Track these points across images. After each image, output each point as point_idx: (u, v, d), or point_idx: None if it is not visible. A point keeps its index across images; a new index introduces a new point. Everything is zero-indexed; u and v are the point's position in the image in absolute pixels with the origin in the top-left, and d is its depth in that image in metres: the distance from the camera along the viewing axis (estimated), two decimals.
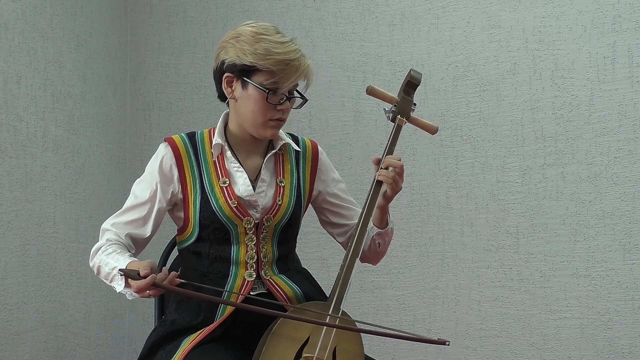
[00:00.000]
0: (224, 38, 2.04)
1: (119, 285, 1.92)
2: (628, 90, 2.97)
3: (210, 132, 2.10)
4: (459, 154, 3.24)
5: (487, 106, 3.19)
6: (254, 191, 2.04)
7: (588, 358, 3.02)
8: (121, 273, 1.84)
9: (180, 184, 2.05)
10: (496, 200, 3.17)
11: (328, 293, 1.98)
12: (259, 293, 2.02)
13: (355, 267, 1.94)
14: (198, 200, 2.03)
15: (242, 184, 2.04)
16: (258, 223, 2.04)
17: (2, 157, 3.13)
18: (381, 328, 1.92)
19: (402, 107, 2.09)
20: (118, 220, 2.05)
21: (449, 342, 1.80)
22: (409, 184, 3.27)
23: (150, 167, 2.07)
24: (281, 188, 2.08)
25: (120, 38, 3.81)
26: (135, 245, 2.06)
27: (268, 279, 2.04)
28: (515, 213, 3.14)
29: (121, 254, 1.96)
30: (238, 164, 2.06)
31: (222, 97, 2.08)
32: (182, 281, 1.88)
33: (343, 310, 1.92)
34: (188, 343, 1.95)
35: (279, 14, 3.53)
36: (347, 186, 2.26)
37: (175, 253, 2.25)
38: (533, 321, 3.10)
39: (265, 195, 2.06)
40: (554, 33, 3.08)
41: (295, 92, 2.05)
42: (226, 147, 2.07)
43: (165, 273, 1.83)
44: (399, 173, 1.99)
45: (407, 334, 1.90)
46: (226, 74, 2.02)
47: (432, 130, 2.13)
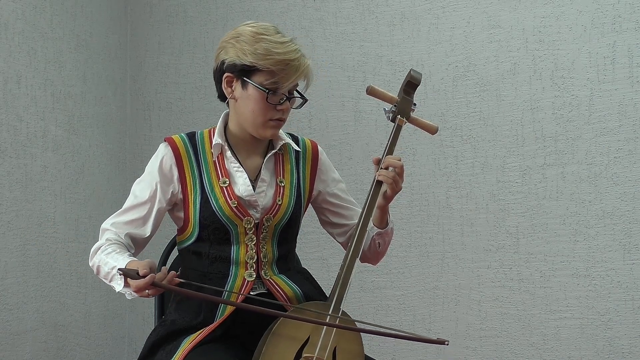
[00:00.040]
0: (224, 38, 2.04)
1: (118, 284, 1.92)
2: (628, 90, 2.97)
3: (210, 132, 2.10)
4: (459, 154, 3.24)
5: (487, 106, 3.19)
6: (254, 191, 2.04)
7: (588, 358, 3.02)
8: (120, 272, 1.84)
9: (180, 184, 2.05)
10: (496, 200, 3.17)
11: (328, 293, 1.98)
12: (259, 293, 2.02)
13: (355, 267, 1.94)
14: (198, 200, 2.03)
15: (242, 184, 2.04)
16: (258, 223, 2.04)
17: (2, 157, 3.13)
18: (380, 328, 1.92)
19: (402, 107, 2.09)
20: (118, 220, 2.05)
21: (448, 342, 1.80)
22: (409, 184, 3.27)
23: (150, 167, 2.07)
24: (281, 188, 2.08)
25: (120, 38, 3.81)
26: (134, 245, 2.06)
27: (268, 279, 2.04)
28: (515, 213, 3.14)
29: (121, 254, 1.96)
30: (238, 164, 2.06)
31: (222, 97, 2.08)
32: (181, 280, 1.89)
33: (343, 310, 1.92)
34: (188, 343, 1.95)
35: (279, 14, 3.53)
36: (347, 186, 2.26)
37: (175, 253, 2.25)
38: (533, 321, 3.10)
39: (265, 195, 2.06)
40: (554, 33, 3.08)
41: (295, 92, 2.05)
42: (226, 147, 2.07)
43: (164, 272, 1.83)
44: (399, 173, 1.99)
45: (406, 334, 1.91)
46: (226, 74, 2.02)
47: (432, 130, 2.13)
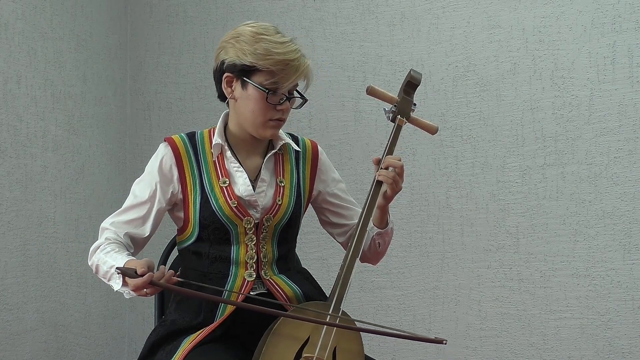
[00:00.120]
0: (224, 38, 2.04)
1: (117, 283, 1.91)
2: (628, 90, 2.97)
3: (210, 132, 2.10)
4: (459, 154, 3.24)
5: (487, 106, 3.19)
6: (254, 191, 2.04)
7: (588, 358, 3.01)
8: (118, 271, 1.84)
9: (180, 184, 2.05)
10: (496, 200, 3.17)
11: (328, 293, 1.98)
12: (259, 293, 2.02)
13: (355, 267, 1.94)
14: (198, 200, 2.03)
15: (242, 184, 2.04)
16: (258, 223, 2.04)
17: (2, 157, 3.13)
18: (379, 327, 1.92)
19: (402, 107, 2.09)
20: (117, 219, 2.05)
21: (446, 341, 1.80)
22: (409, 184, 3.27)
23: (150, 167, 2.07)
24: (281, 188, 2.08)
25: (120, 38, 3.81)
26: (134, 244, 2.06)
27: (268, 279, 2.04)
28: (515, 213, 3.14)
29: (119, 253, 1.96)
30: (238, 164, 2.06)
31: (222, 97, 2.08)
32: (180, 279, 1.88)
33: (343, 310, 1.92)
34: (188, 343, 1.95)
35: (279, 14, 3.53)
36: (347, 186, 2.26)
37: (175, 253, 2.25)
38: (533, 321, 3.10)
39: (265, 195, 2.06)
40: (554, 33, 3.08)
41: (295, 92, 2.05)
42: (226, 147, 2.07)
43: (162, 271, 1.83)
44: (399, 173, 1.99)
45: (405, 333, 1.91)
46: (226, 74, 2.02)
47: (432, 130, 2.13)
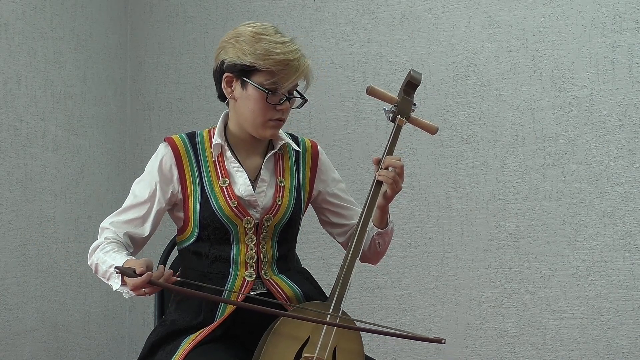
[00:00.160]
0: (224, 38, 2.04)
1: (116, 283, 1.91)
2: (628, 90, 2.97)
3: (210, 132, 2.10)
4: (459, 154, 3.24)
5: (487, 106, 3.19)
6: (254, 191, 2.04)
7: (588, 358, 3.01)
8: (117, 271, 1.84)
9: (180, 184, 2.05)
10: (496, 200, 3.17)
11: (328, 293, 1.98)
12: (259, 293, 2.02)
13: (355, 267, 1.94)
14: (198, 200, 2.03)
15: (242, 184, 2.04)
16: (258, 223, 2.04)
17: (2, 157, 3.13)
18: (379, 327, 1.92)
19: (402, 107, 2.09)
20: (117, 219, 2.05)
21: (445, 341, 1.80)
22: (409, 184, 3.27)
23: (149, 167, 2.07)
24: (281, 188, 2.08)
25: (120, 38, 3.81)
26: (133, 244, 2.06)
27: (268, 279, 2.04)
28: (515, 213, 3.14)
29: (119, 252, 1.96)
30: (238, 164, 2.06)
31: (222, 97, 2.08)
32: (179, 279, 1.88)
33: (343, 310, 1.92)
34: (188, 343, 1.95)
35: (279, 14, 3.53)
36: (347, 186, 2.26)
37: (175, 253, 2.25)
38: (533, 321, 3.10)
39: (265, 195, 2.06)
40: (554, 33, 3.08)
41: (295, 92, 2.05)
42: (226, 147, 2.07)
43: (161, 271, 1.82)
44: (399, 173, 1.99)
45: (404, 333, 1.91)
46: (226, 74, 2.02)
47: (432, 130, 2.13)
